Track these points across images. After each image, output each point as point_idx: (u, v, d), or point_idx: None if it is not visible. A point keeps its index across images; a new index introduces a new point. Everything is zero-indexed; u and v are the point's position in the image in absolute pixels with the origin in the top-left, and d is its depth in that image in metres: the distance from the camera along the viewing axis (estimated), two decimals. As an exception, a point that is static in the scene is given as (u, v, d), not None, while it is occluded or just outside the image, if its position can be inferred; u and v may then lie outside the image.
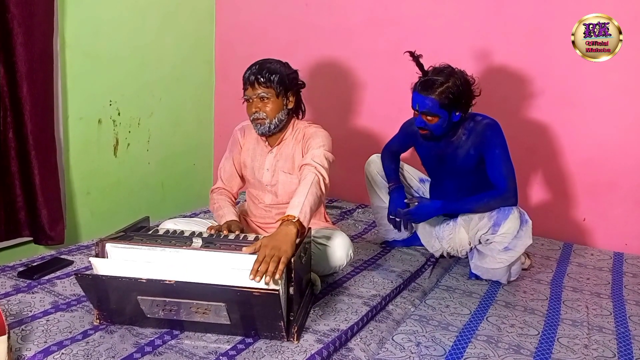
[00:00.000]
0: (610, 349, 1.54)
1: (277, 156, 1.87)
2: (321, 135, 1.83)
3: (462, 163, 1.95)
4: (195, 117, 3.31)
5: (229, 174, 1.98)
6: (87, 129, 2.65)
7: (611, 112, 2.41)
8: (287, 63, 1.87)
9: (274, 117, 1.79)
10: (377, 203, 2.22)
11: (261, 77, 1.75)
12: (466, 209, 1.94)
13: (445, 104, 1.81)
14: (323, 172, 1.69)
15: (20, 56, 2.20)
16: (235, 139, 1.99)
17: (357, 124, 3.00)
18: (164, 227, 1.72)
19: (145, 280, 1.30)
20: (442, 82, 1.79)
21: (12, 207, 2.34)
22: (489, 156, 1.88)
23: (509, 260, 1.88)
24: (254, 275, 1.30)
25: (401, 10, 2.77)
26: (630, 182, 2.42)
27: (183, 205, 3.13)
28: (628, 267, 2.24)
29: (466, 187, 1.97)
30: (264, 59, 1.83)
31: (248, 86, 1.78)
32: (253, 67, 1.79)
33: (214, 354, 1.35)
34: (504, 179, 1.86)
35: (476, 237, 1.92)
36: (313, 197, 1.58)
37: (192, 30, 3.18)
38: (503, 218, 1.82)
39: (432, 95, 1.80)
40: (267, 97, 1.76)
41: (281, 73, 1.78)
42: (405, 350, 1.47)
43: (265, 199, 1.93)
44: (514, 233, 1.82)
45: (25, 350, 1.32)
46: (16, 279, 1.73)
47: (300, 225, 1.48)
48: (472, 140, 1.91)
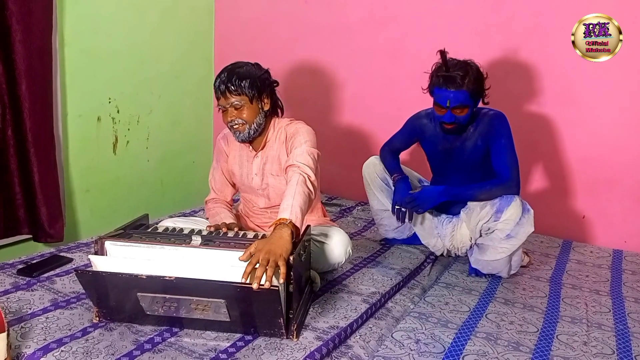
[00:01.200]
0: (609, 346, 1.54)
1: (263, 159, 1.85)
2: (303, 131, 1.79)
3: (469, 155, 1.96)
4: (195, 114, 3.30)
5: (220, 184, 1.97)
6: (86, 126, 2.64)
7: (611, 111, 2.41)
8: (257, 64, 1.82)
9: (252, 122, 1.75)
10: (376, 206, 2.20)
11: (231, 85, 1.70)
12: (468, 194, 1.93)
13: (474, 92, 1.85)
14: (307, 171, 1.66)
15: (19, 53, 2.19)
16: (220, 148, 1.96)
17: (356, 121, 2.99)
18: (163, 225, 1.72)
19: (145, 276, 1.30)
20: (465, 74, 1.83)
21: (12, 205, 2.34)
22: (495, 145, 1.91)
23: (511, 249, 1.88)
24: (245, 278, 1.29)
25: (401, 8, 2.76)
26: (630, 180, 2.42)
27: (182, 203, 3.13)
28: (627, 264, 2.24)
29: (471, 182, 1.96)
30: (232, 64, 1.77)
31: (220, 95, 1.73)
32: (222, 74, 1.73)
33: (213, 351, 1.35)
34: (507, 168, 1.88)
35: (477, 228, 1.91)
36: (301, 196, 1.56)
37: (191, 27, 3.18)
38: (506, 205, 1.83)
39: (463, 87, 1.82)
40: (241, 104, 1.72)
41: (252, 77, 1.72)
42: (404, 348, 1.47)
43: (259, 203, 1.92)
44: (516, 220, 1.82)
45: (24, 347, 1.32)
46: (15, 276, 1.73)
47: (294, 227, 1.47)
48: (480, 131, 1.94)
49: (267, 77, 1.80)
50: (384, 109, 2.87)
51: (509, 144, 1.91)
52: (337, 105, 3.02)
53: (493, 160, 1.92)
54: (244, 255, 1.35)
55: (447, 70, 1.84)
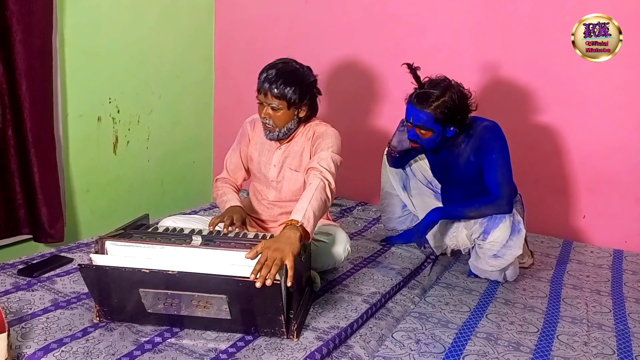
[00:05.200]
0: (609, 346, 1.54)
1: (285, 153, 1.86)
2: (331, 135, 1.80)
3: (463, 171, 1.93)
4: (195, 114, 3.30)
5: (234, 165, 1.97)
6: (87, 126, 2.64)
7: (611, 111, 2.41)
8: (309, 68, 1.80)
9: (283, 127, 1.77)
10: (387, 189, 2.20)
11: (275, 88, 1.69)
12: (458, 212, 1.93)
13: (440, 118, 1.76)
14: (329, 177, 1.65)
15: (19, 53, 2.19)
16: (245, 130, 1.96)
17: (356, 121, 2.99)
18: (164, 225, 1.72)
19: (149, 270, 1.31)
20: (438, 96, 1.74)
21: (12, 205, 2.34)
22: (486, 161, 1.85)
23: (499, 266, 1.88)
24: (255, 275, 1.28)
25: (401, 8, 2.76)
26: (630, 180, 2.42)
27: (183, 203, 3.13)
28: (628, 264, 2.24)
29: (473, 195, 1.94)
30: (283, 63, 1.75)
31: (261, 91, 1.73)
32: (270, 71, 1.71)
33: (213, 351, 1.35)
34: (497, 185, 1.83)
35: (472, 238, 1.92)
36: (318, 202, 1.55)
37: (191, 26, 3.18)
38: (492, 227, 1.82)
39: (427, 109, 1.75)
40: (278, 107, 1.72)
41: (297, 84, 1.71)
42: (405, 348, 1.47)
43: (269, 195, 1.92)
44: (503, 242, 1.81)
45: (25, 347, 1.32)
46: (16, 276, 1.73)
47: (304, 231, 1.46)
48: (471, 146, 1.88)
49: (314, 86, 1.80)
50: (384, 109, 2.87)
51: (500, 158, 1.84)
52: (337, 104, 3.02)
53: (485, 176, 1.86)
54: (250, 253, 1.35)
55: (422, 86, 1.79)
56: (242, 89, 3.27)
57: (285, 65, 1.75)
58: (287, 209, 1.86)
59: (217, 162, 3.44)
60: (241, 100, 3.27)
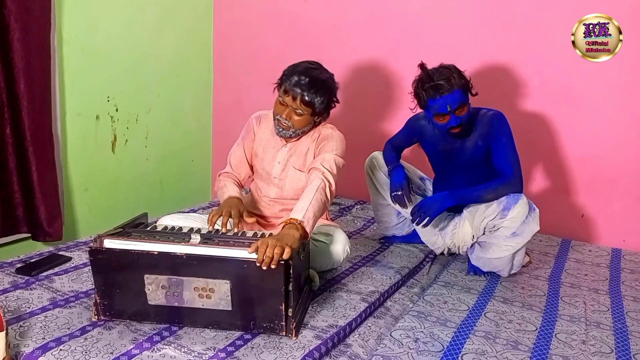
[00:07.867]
0: (607, 345, 1.55)
1: (291, 151, 1.87)
2: (336, 138, 1.82)
3: (470, 156, 1.97)
4: (194, 113, 3.30)
5: (238, 160, 1.97)
6: (85, 125, 2.64)
7: (611, 111, 2.41)
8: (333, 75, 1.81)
9: (298, 129, 1.78)
10: (377, 200, 2.21)
11: (307, 96, 1.70)
12: (474, 195, 1.92)
13: (467, 88, 1.86)
14: (330, 178, 1.67)
15: (17, 52, 2.19)
16: (250, 126, 1.96)
17: (355, 120, 2.99)
18: (162, 223, 1.72)
19: (157, 252, 1.35)
20: (449, 75, 1.82)
21: (10, 204, 2.33)
22: (496, 145, 1.91)
23: (515, 247, 1.88)
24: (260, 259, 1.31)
25: (400, 7, 2.76)
26: (629, 179, 2.42)
27: (181, 202, 3.12)
28: (626, 263, 2.25)
29: (474, 181, 1.96)
30: (316, 69, 1.75)
31: (290, 94, 1.72)
32: (302, 78, 1.71)
33: (212, 349, 1.35)
34: (510, 165, 1.89)
35: (481, 226, 1.91)
36: (318, 203, 1.58)
37: (190, 26, 3.17)
38: (513, 202, 1.82)
39: (455, 87, 1.82)
40: (302, 113, 1.74)
41: (326, 96, 1.74)
42: (403, 346, 1.47)
43: (270, 192, 1.93)
44: (523, 218, 1.82)
45: (23, 346, 1.32)
46: (14, 275, 1.73)
47: (303, 230, 1.48)
48: (479, 131, 1.94)
49: (336, 94, 1.82)
50: (383, 108, 2.87)
51: (510, 142, 1.91)
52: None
53: (495, 160, 1.92)
54: (251, 248, 1.36)
55: (432, 79, 1.83)
56: (241, 88, 3.27)
57: (318, 72, 1.76)
58: (288, 206, 1.86)
59: (215, 160, 3.44)
60: (240, 99, 3.27)
